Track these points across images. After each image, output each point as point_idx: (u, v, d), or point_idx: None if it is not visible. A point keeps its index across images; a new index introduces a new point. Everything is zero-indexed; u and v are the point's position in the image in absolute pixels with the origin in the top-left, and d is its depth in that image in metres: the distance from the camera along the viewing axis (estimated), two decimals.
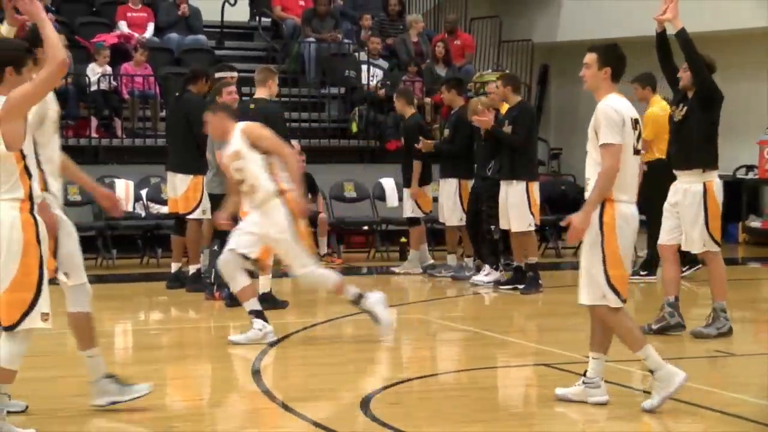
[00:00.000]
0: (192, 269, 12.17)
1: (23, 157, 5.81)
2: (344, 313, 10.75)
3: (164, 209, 14.41)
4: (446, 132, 13.49)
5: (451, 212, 13.34)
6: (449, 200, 13.35)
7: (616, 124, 6.76)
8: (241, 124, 9.17)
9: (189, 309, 11.34)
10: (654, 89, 12.41)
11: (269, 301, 10.82)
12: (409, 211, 13.96)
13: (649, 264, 13.09)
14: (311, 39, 18.12)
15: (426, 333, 10.41)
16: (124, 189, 14.95)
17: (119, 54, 16.61)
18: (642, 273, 13.06)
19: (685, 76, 9.35)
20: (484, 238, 12.81)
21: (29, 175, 5.82)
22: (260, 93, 11.02)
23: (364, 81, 17.72)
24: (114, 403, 6.65)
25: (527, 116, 12.35)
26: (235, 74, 12.30)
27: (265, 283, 10.80)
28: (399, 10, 19.63)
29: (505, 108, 12.48)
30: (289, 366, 8.61)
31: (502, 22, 20.07)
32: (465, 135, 13.12)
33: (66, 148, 15.96)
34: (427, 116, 16.88)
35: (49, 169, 6.57)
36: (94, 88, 15.78)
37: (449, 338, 10.08)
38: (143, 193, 15.28)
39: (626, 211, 6.82)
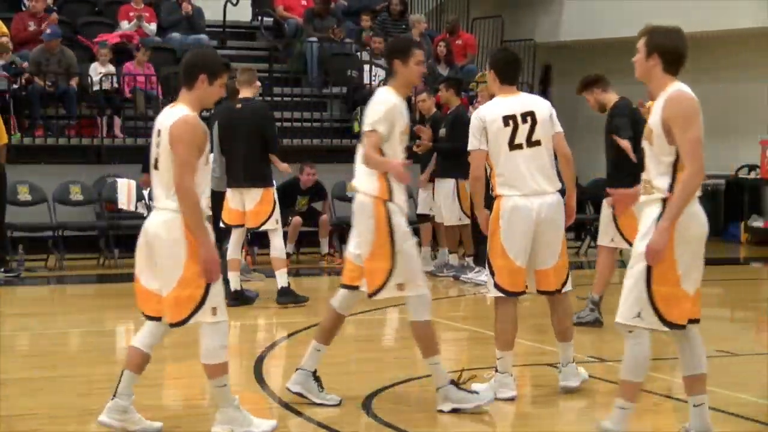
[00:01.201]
0: None
1: None
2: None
3: None
4: (443, 131, 13.44)
5: (450, 212, 13.30)
6: (447, 200, 13.30)
7: (473, 132, 7.14)
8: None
9: None
10: None
11: (289, 295, 10.88)
12: (424, 207, 13.97)
13: None
14: (313, 39, 18.12)
15: None
16: (126, 188, 14.92)
17: (122, 54, 16.62)
18: None
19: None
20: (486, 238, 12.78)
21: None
22: (246, 93, 11.14)
23: (366, 80, 17.72)
24: (456, 411, 6.71)
25: None
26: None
27: (282, 277, 10.85)
28: (401, 9, 19.63)
29: None
30: (292, 365, 8.57)
31: (504, 22, 20.07)
32: (462, 134, 13.02)
33: (68, 149, 16.06)
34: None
35: (394, 179, 6.64)
36: (96, 88, 15.78)
37: (451, 338, 10.07)
38: (146, 192, 15.26)
39: (509, 203, 7.04)
